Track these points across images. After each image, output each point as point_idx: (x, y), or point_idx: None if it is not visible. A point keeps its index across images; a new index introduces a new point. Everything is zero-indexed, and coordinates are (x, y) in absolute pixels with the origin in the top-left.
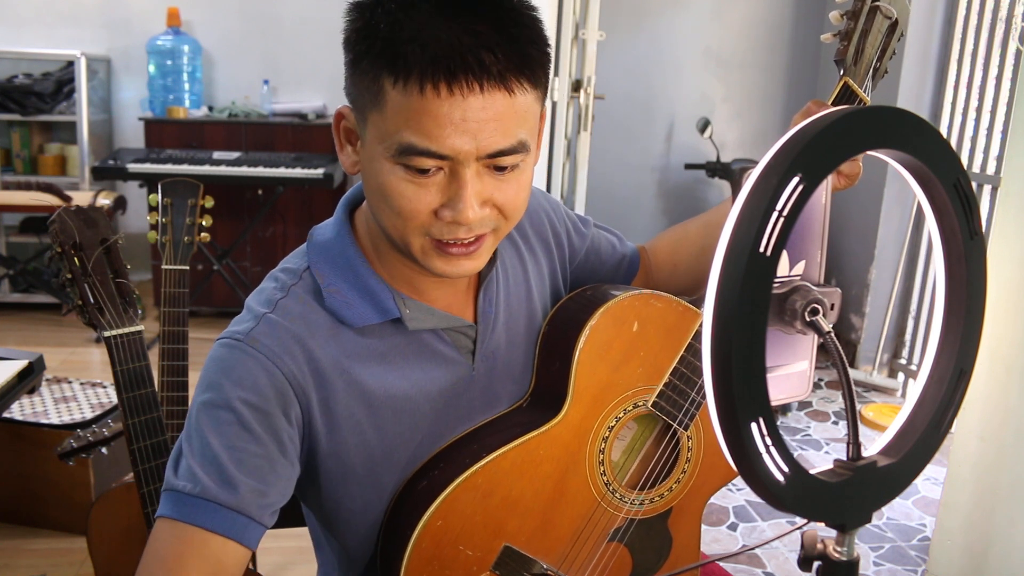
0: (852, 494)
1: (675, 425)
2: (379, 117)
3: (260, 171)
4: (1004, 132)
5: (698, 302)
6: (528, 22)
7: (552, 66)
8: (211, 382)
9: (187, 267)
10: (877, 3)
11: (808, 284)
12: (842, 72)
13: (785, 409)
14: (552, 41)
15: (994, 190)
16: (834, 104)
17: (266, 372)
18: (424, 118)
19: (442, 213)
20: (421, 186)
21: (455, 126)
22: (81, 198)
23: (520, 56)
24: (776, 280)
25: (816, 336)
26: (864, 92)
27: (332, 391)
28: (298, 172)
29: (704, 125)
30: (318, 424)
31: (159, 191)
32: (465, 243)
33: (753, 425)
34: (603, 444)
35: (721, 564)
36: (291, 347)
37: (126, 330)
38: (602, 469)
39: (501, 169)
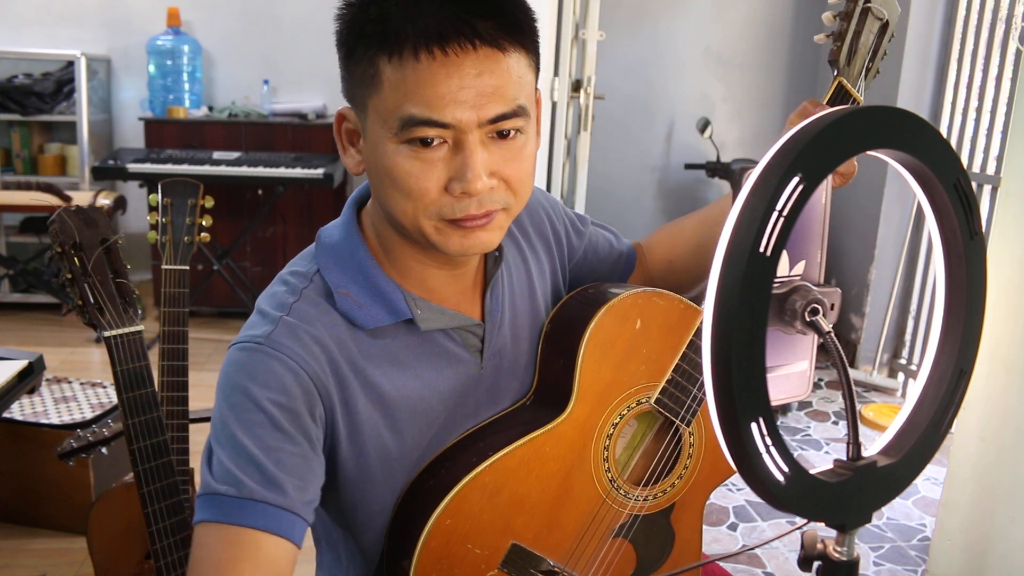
0: (852, 494)
1: (677, 422)
2: (378, 99)
3: (260, 171)
4: (1004, 132)
5: (696, 299)
6: None
7: (550, 62)
8: (236, 386)
9: (187, 267)
10: (869, 4)
11: (808, 284)
12: (836, 72)
13: (785, 409)
14: (552, 41)
15: (994, 190)
16: (829, 104)
17: (291, 373)
18: (421, 87)
19: (451, 187)
20: (427, 162)
21: (453, 94)
22: (81, 198)
23: (510, 20)
24: (776, 280)
25: (816, 336)
26: (857, 92)
27: (352, 393)
28: (298, 172)
29: (704, 125)
30: (340, 425)
31: (159, 191)
32: (477, 217)
33: (753, 425)
34: (607, 441)
35: (721, 564)
36: (312, 348)
37: (126, 330)
38: (607, 466)
39: (504, 135)
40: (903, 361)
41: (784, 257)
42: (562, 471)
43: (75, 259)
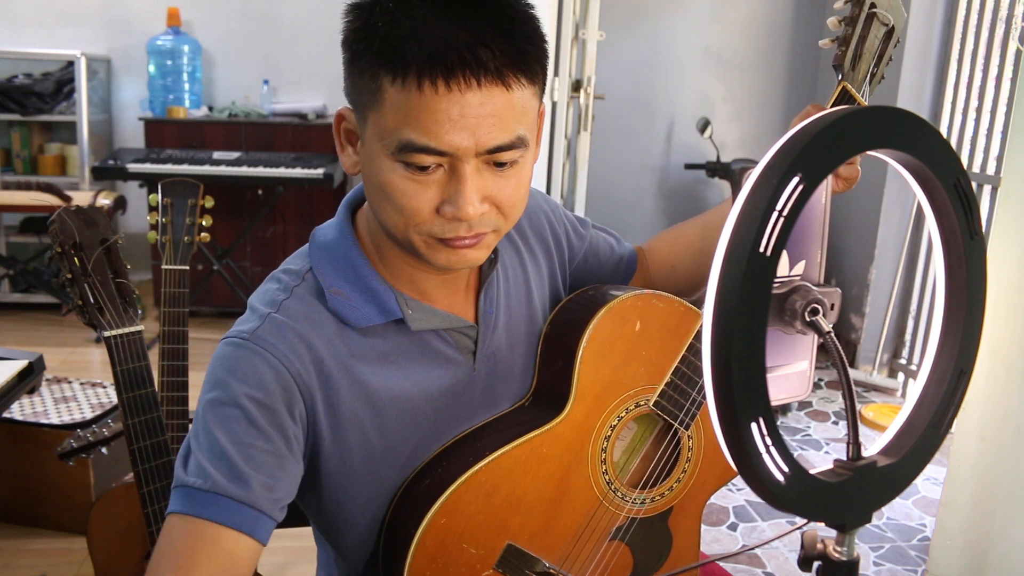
0: (852, 494)
1: (676, 425)
2: (378, 115)
3: (260, 171)
4: (1004, 132)
5: (698, 303)
6: (524, 18)
7: (550, 63)
8: (217, 380)
9: (187, 267)
10: (874, 9)
11: (808, 284)
12: (840, 77)
13: (785, 409)
14: (552, 41)
15: (994, 190)
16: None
17: (272, 370)
18: (423, 115)
19: (443, 209)
20: (421, 183)
21: (453, 122)
22: (81, 198)
23: (516, 52)
24: (776, 280)
25: (816, 336)
26: (862, 97)
27: (336, 390)
28: (298, 172)
29: (704, 125)
30: (322, 423)
31: (159, 191)
32: (466, 238)
33: (753, 425)
34: (605, 443)
35: (721, 564)
36: (296, 346)
37: (126, 330)
38: (604, 468)
39: (500, 165)
40: (903, 361)
41: (784, 257)
42: (559, 472)
43: (75, 259)
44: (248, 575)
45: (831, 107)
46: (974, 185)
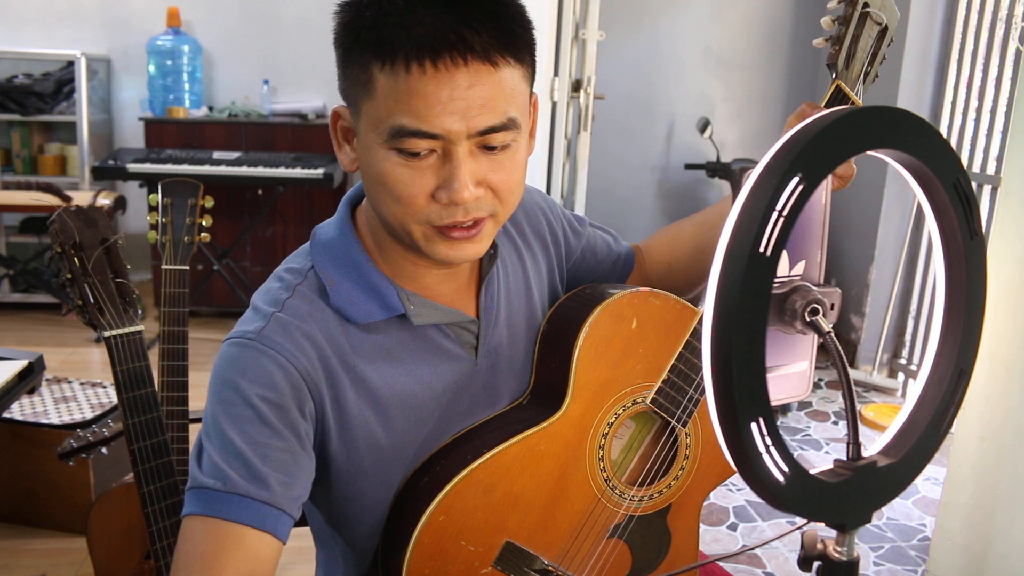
0: (852, 494)
1: (673, 422)
2: (370, 104)
3: (260, 171)
4: (1004, 132)
5: (695, 300)
6: (509, 2)
7: (550, 62)
8: (226, 381)
9: (187, 267)
10: (868, 9)
11: (808, 284)
12: (834, 76)
13: (785, 409)
14: (552, 41)
15: (994, 190)
16: (827, 107)
17: (281, 369)
18: (413, 99)
19: (438, 195)
20: (416, 170)
21: (443, 105)
22: (81, 198)
23: (503, 33)
24: (776, 280)
25: (816, 336)
26: (856, 96)
27: (342, 388)
28: (298, 172)
29: (704, 125)
30: (330, 421)
31: (159, 191)
32: (465, 227)
33: (753, 425)
34: (603, 441)
35: (721, 564)
36: (303, 344)
37: (126, 330)
38: (602, 465)
39: (492, 148)
40: (903, 361)
41: (784, 257)
42: (557, 469)
43: (75, 259)
44: (272, 574)
45: (826, 106)
46: (974, 185)
